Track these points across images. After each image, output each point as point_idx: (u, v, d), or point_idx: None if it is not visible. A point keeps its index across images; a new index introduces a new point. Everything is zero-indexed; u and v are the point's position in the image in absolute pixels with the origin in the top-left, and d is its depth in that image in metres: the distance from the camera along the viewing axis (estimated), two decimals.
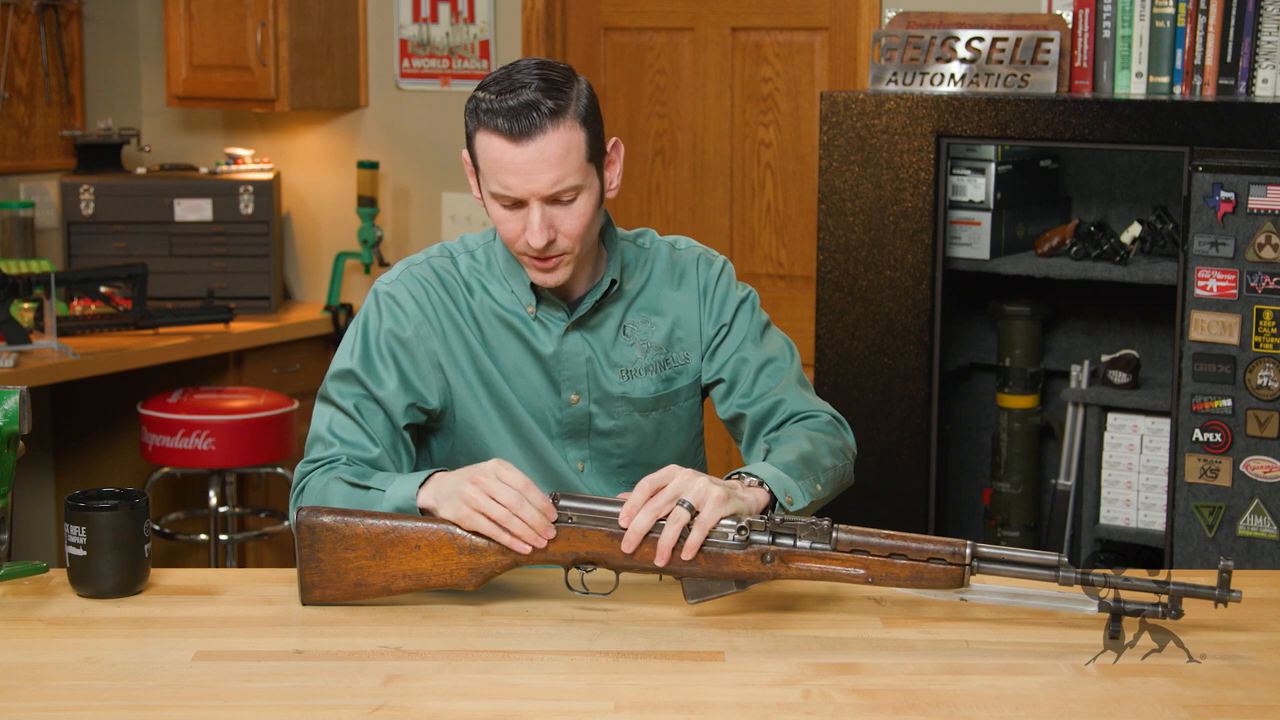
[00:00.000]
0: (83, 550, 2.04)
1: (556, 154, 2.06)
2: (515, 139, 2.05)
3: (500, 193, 2.10)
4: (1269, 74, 3.32)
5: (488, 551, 2.00)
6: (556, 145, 2.06)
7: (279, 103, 4.59)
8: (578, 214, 2.11)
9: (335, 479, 2.12)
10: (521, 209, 2.10)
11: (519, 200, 2.09)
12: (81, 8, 4.81)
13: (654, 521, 1.94)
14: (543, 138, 2.06)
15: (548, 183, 2.07)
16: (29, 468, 4.61)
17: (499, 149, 2.07)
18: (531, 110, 2.05)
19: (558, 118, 2.06)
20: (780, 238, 4.28)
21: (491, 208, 2.14)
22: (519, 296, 2.23)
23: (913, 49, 3.55)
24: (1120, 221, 3.69)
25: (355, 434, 2.18)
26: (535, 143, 2.06)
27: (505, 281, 2.24)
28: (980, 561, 1.91)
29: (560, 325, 2.23)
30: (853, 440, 2.28)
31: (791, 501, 2.04)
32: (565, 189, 2.09)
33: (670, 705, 1.74)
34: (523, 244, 2.12)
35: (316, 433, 2.21)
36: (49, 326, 4.00)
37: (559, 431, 2.26)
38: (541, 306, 2.23)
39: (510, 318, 2.23)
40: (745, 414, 2.26)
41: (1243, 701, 1.76)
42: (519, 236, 2.12)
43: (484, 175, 2.12)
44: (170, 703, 1.74)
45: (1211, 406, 3.15)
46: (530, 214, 2.09)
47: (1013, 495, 3.75)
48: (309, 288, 4.95)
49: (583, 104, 2.10)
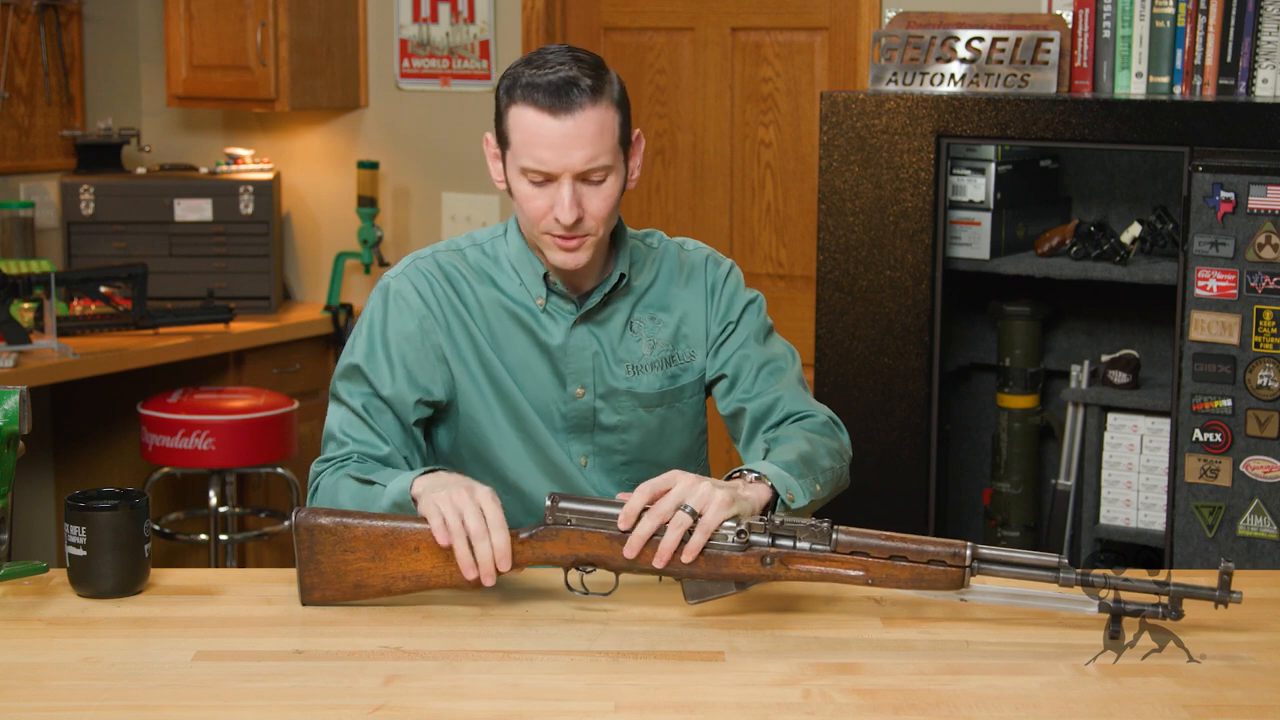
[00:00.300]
0: (83, 550, 2.04)
1: (593, 131, 2.10)
2: (554, 112, 2.08)
3: (532, 167, 2.12)
4: (1269, 74, 3.32)
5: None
6: (593, 123, 2.10)
7: (279, 103, 4.59)
8: (605, 195, 2.14)
9: (345, 476, 2.15)
10: (550, 185, 2.12)
11: (550, 176, 2.11)
12: (81, 8, 4.81)
13: (657, 527, 1.94)
14: (581, 113, 2.09)
15: (582, 159, 2.10)
16: (29, 468, 4.61)
17: (537, 122, 2.10)
18: (572, 86, 2.09)
19: (596, 96, 2.10)
20: (780, 238, 4.28)
21: (519, 185, 2.15)
22: (529, 288, 2.24)
23: (913, 49, 3.55)
24: (1120, 221, 3.69)
25: (365, 433, 2.20)
26: (573, 117, 2.09)
27: (515, 273, 2.25)
28: (980, 563, 1.91)
29: (569, 318, 2.24)
30: (849, 442, 2.29)
31: (792, 499, 2.04)
32: (597, 167, 2.12)
33: (670, 705, 1.74)
34: (549, 221, 2.14)
35: (329, 431, 2.24)
36: (49, 326, 4.00)
37: (563, 425, 2.27)
38: (551, 299, 2.24)
39: (518, 310, 2.24)
40: (745, 408, 2.27)
41: (1243, 701, 1.76)
42: (545, 214, 2.14)
43: (515, 151, 2.13)
44: (170, 703, 1.74)
45: (1211, 406, 3.15)
46: (561, 189, 2.11)
47: (1013, 495, 3.75)
48: (309, 288, 4.95)
49: (616, 88, 2.15)
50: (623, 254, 2.27)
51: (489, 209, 4.60)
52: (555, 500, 1.98)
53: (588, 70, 2.11)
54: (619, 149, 2.15)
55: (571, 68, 2.10)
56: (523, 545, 1.99)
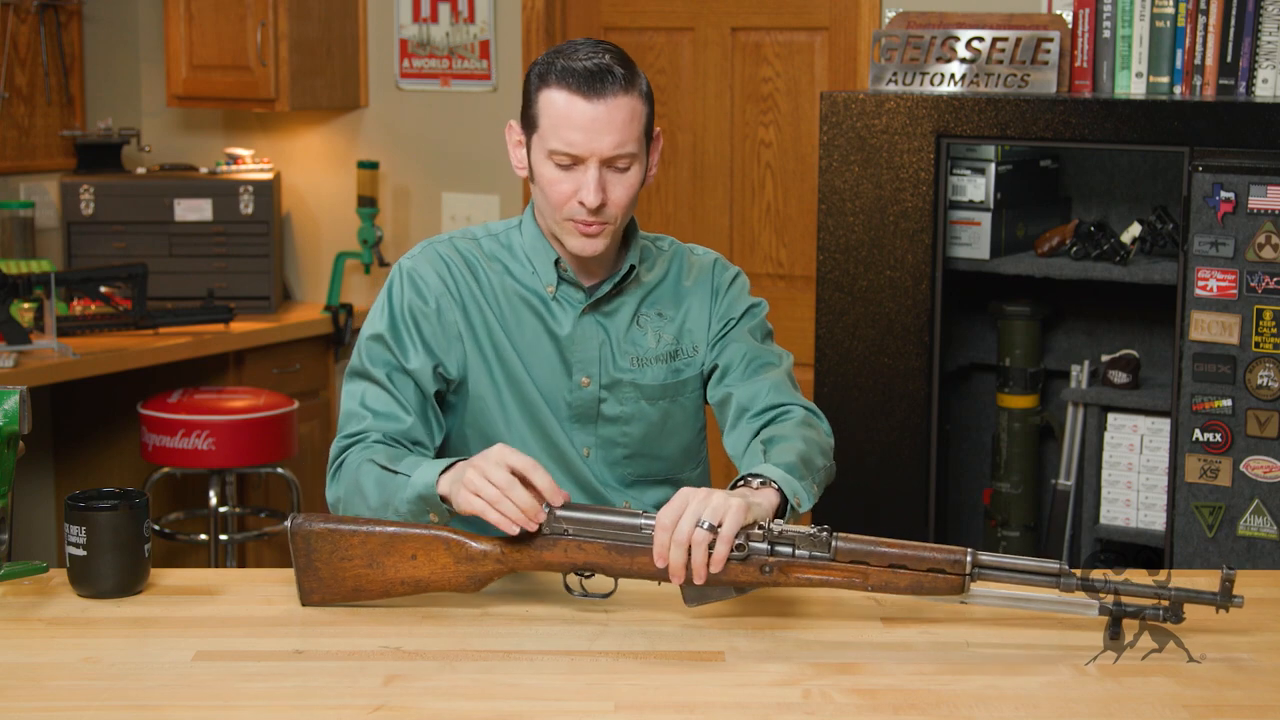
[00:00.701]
0: (83, 550, 2.04)
1: (623, 118, 2.14)
2: (587, 96, 2.13)
3: (560, 149, 2.15)
4: (1269, 74, 3.32)
5: (485, 560, 2.00)
6: (624, 110, 2.14)
7: (279, 103, 4.59)
8: (628, 184, 2.18)
9: (369, 461, 2.16)
10: (576, 170, 2.16)
11: (577, 159, 2.15)
12: (81, 8, 4.81)
13: (685, 553, 1.91)
14: (613, 100, 2.14)
15: (611, 144, 2.14)
16: (29, 468, 4.61)
17: (569, 104, 2.14)
18: (606, 73, 2.14)
19: (629, 85, 2.15)
20: (780, 238, 4.28)
21: (544, 169, 2.18)
22: (540, 275, 2.28)
23: (913, 49, 3.55)
24: (1120, 221, 3.69)
25: (388, 404, 2.23)
26: (606, 102, 2.13)
27: (528, 261, 2.29)
28: (980, 569, 1.91)
29: (578, 307, 2.28)
30: (829, 430, 2.29)
31: (799, 503, 2.04)
32: (624, 154, 2.16)
33: (670, 705, 1.74)
34: (572, 206, 2.17)
35: (349, 410, 2.25)
36: (49, 326, 4.00)
37: (568, 414, 2.29)
38: (561, 286, 2.27)
39: (530, 297, 2.28)
40: (732, 394, 2.29)
41: (1243, 701, 1.76)
42: (568, 198, 2.17)
43: (543, 133, 2.17)
44: (170, 703, 1.74)
45: (1211, 406, 3.15)
46: (587, 173, 2.15)
47: (1013, 495, 3.75)
48: (309, 288, 4.95)
49: (644, 82, 2.20)
50: (634, 248, 2.30)
51: (489, 209, 4.60)
52: (551, 509, 1.98)
53: (620, 60, 2.17)
54: (644, 140, 2.19)
55: (605, 56, 2.15)
56: (520, 553, 1.99)
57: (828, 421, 2.30)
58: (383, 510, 2.11)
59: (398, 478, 2.10)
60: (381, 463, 2.14)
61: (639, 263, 2.31)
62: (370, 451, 2.18)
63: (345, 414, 2.26)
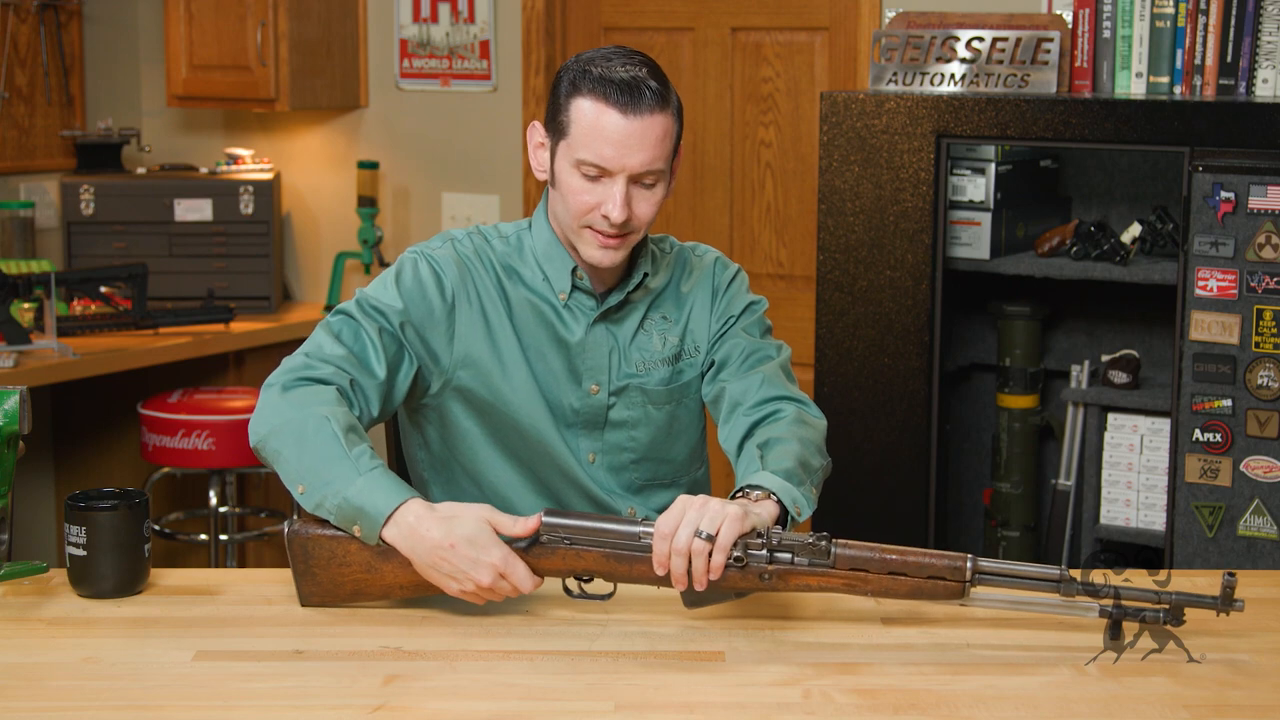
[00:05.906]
0: (83, 550, 2.04)
1: (656, 136, 2.12)
2: (624, 110, 2.10)
3: (590, 160, 2.12)
4: (1269, 74, 3.32)
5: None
6: (658, 127, 2.12)
7: (279, 103, 4.59)
8: (653, 200, 2.17)
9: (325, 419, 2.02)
10: (603, 182, 2.13)
11: (605, 171, 2.12)
12: (81, 8, 4.81)
13: (685, 563, 1.90)
14: (649, 116, 2.11)
15: (641, 161, 2.12)
16: (29, 468, 4.61)
17: (604, 117, 2.10)
18: (643, 86, 2.11)
19: (664, 102, 2.13)
20: (780, 238, 4.27)
21: (569, 178, 2.15)
22: (552, 282, 2.25)
23: (913, 49, 3.55)
24: (1120, 221, 3.69)
25: (352, 329, 2.15)
26: (641, 119, 2.11)
27: (539, 268, 2.26)
28: (981, 575, 1.91)
29: (589, 314, 2.26)
30: (818, 413, 2.26)
31: (799, 512, 2.03)
32: (652, 171, 2.14)
33: (670, 705, 1.74)
34: (594, 217, 2.14)
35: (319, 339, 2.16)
36: (49, 326, 4.00)
37: (575, 421, 2.28)
38: (574, 294, 2.25)
39: (540, 304, 2.26)
40: (726, 388, 2.27)
41: (1243, 701, 1.76)
42: (591, 209, 2.14)
43: (572, 143, 2.13)
44: (170, 703, 1.74)
45: (1211, 406, 3.15)
46: (614, 187, 2.12)
47: (1013, 495, 3.75)
48: (309, 288, 4.95)
49: (676, 98, 2.17)
50: (645, 256, 2.29)
51: (489, 209, 4.60)
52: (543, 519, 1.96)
53: (656, 75, 2.14)
54: (671, 157, 2.17)
55: (641, 69, 2.13)
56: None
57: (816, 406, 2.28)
58: (302, 479, 2.00)
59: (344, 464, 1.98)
60: (339, 429, 2.01)
61: (650, 266, 2.30)
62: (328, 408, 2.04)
63: (314, 342, 2.15)
